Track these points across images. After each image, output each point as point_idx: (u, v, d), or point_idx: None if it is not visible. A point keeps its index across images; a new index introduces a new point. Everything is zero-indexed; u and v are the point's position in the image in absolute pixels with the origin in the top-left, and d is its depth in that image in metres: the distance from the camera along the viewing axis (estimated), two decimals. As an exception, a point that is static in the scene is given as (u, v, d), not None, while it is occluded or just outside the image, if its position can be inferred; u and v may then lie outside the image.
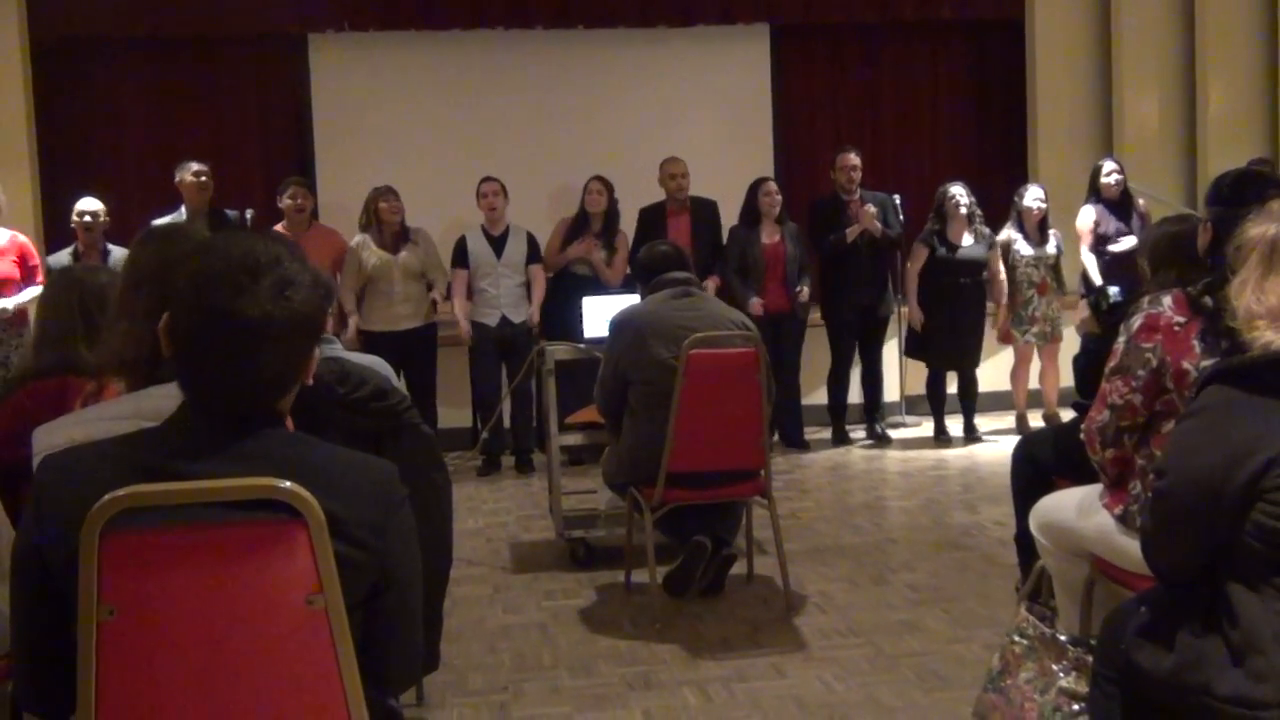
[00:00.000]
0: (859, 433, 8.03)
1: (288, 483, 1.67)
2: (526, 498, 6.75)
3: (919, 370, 8.02)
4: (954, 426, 7.87)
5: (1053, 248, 7.74)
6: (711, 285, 7.09)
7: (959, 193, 7.63)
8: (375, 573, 1.76)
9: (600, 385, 4.70)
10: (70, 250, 6.92)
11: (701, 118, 9.00)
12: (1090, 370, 3.62)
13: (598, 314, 5.71)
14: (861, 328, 7.87)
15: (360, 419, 2.69)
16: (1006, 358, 8.02)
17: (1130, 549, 2.89)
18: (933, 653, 4.10)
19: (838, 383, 7.96)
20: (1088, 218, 7.71)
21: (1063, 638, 2.82)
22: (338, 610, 1.70)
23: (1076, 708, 2.73)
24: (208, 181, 7.28)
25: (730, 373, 4.47)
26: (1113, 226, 7.63)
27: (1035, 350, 7.85)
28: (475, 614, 4.70)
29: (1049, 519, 3.41)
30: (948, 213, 7.63)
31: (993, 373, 8.02)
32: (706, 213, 7.72)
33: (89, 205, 6.95)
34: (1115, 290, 4.55)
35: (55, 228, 7.85)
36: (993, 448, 7.56)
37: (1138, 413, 3.04)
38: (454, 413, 7.65)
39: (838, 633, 4.34)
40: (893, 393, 8.41)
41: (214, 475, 1.69)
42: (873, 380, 7.99)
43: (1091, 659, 2.58)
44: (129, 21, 8.36)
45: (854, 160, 7.76)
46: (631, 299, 5.06)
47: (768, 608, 4.65)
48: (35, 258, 6.78)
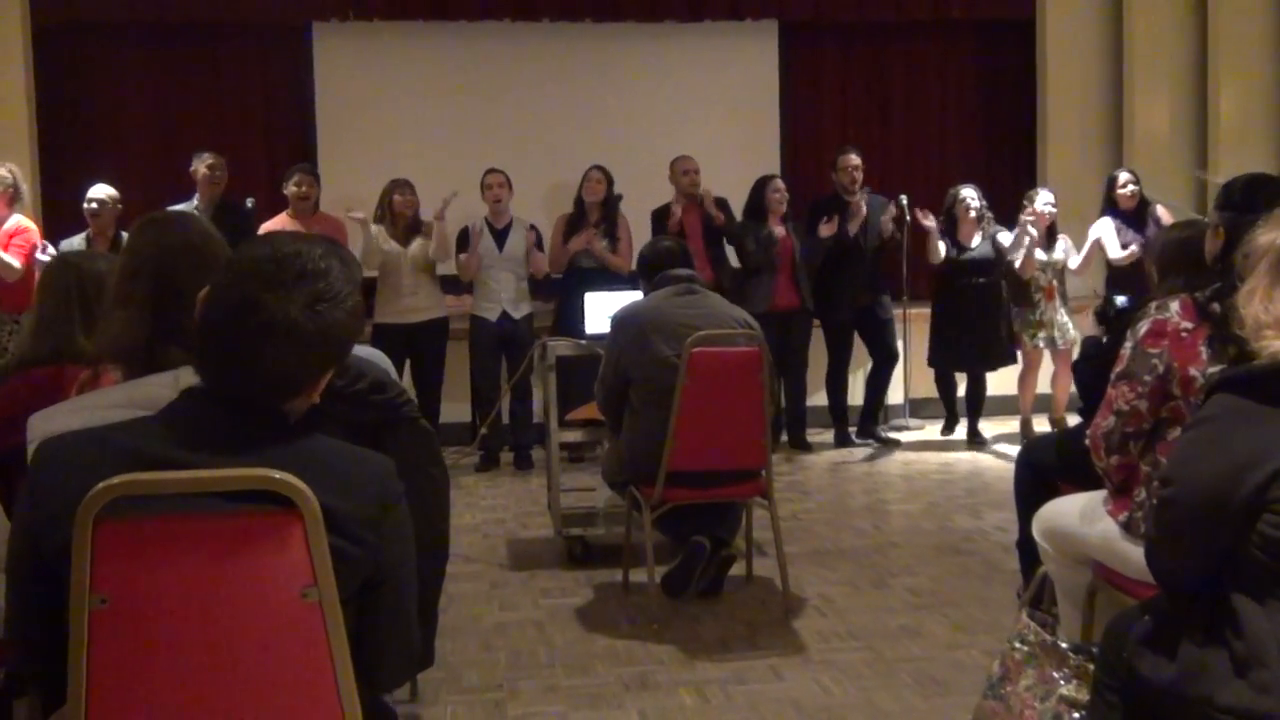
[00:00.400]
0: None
1: (283, 474, 1.66)
2: (525, 494, 6.75)
3: (923, 372, 8.01)
4: (960, 431, 7.87)
5: (1060, 253, 7.71)
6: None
7: (970, 195, 7.62)
8: (370, 568, 1.76)
9: (601, 382, 4.69)
10: (83, 236, 6.91)
11: (708, 114, 9.00)
12: (1092, 377, 3.62)
13: (599, 310, 5.71)
14: (861, 329, 7.86)
15: (358, 412, 2.68)
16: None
17: (1133, 556, 2.89)
18: (932, 658, 4.10)
19: (837, 384, 7.96)
20: (1108, 226, 7.64)
21: (1064, 645, 2.81)
22: (332, 604, 1.70)
23: (1077, 716, 2.72)
24: (220, 175, 7.31)
25: (733, 371, 4.46)
26: (1128, 237, 7.61)
27: (1044, 355, 7.83)
28: (471, 611, 4.70)
29: (1052, 525, 3.41)
30: (958, 215, 7.63)
31: (1000, 377, 8.01)
32: (717, 206, 7.68)
33: (97, 192, 6.94)
34: (1122, 300, 4.54)
35: (55, 214, 7.85)
36: (996, 453, 7.56)
37: (1143, 419, 3.04)
38: (453, 407, 7.65)
39: (837, 636, 4.34)
40: (897, 395, 8.41)
41: (211, 466, 1.69)
42: (879, 383, 7.98)
43: (1093, 667, 2.57)
44: (131, 7, 8.38)
45: (855, 160, 7.76)
46: (634, 295, 5.05)
47: (766, 610, 4.65)
48: (27, 240, 6.60)
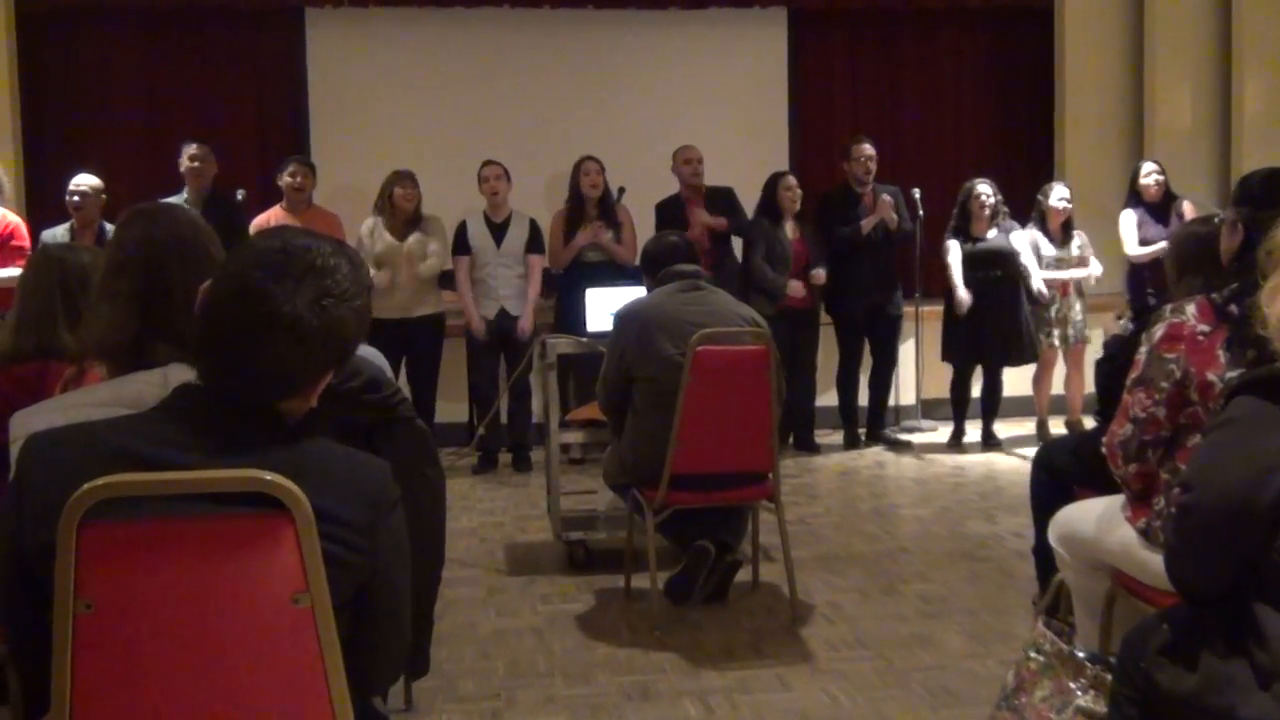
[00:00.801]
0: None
1: (274, 475, 1.67)
2: (523, 497, 6.75)
3: (936, 372, 8.01)
4: (973, 432, 7.86)
5: (1076, 249, 7.70)
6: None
7: (985, 191, 7.60)
8: (363, 574, 1.76)
9: (603, 381, 4.69)
10: (67, 226, 6.89)
11: (715, 104, 8.99)
12: (1111, 377, 3.60)
13: (602, 306, 5.71)
14: (871, 327, 7.87)
15: (352, 411, 2.69)
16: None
17: (1153, 563, 2.89)
18: (945, 668, 4.10)
19: (847, 384, 7.96)
20: (1130, 219, 7.65)
21: (1081, 655, 2.82)
22: (324, 610, 1.70)
23: (1093, 728, 2.72)
24: (201, 166, 7.24)
25: (739, 371, 4.47)
26: (1151, 232, 7.60)
27: (1059, 355, 7.82)
28: (467, 617, 4.70)
29: (1069, 530, 3.41)
30: (972, 211, 7.62)
31: (1015, 378, 8.01)
32: (723, 201, 7.69)
33: (81, 182, 6.89)
34: (1130, 325, 4.48)
35: (39, 205, 7.86)
36: (1013, 455, 7.56)
37: (1161, 426, 3.03)
38: (450, 407, 7.65)
39: (846, 645, 4.34)
40: (909, 395, 8.40)
41: (203, 467, 1.69)
42: (881, 384, 7.98)
43: (1110, 678, 2.57)
44: (118, -10, 8.38)
45: (869, 150, 7.75)
46: (637, 291, 5.05)
47: (773, 617, 4.65)
48: (24, 240, 6.67)
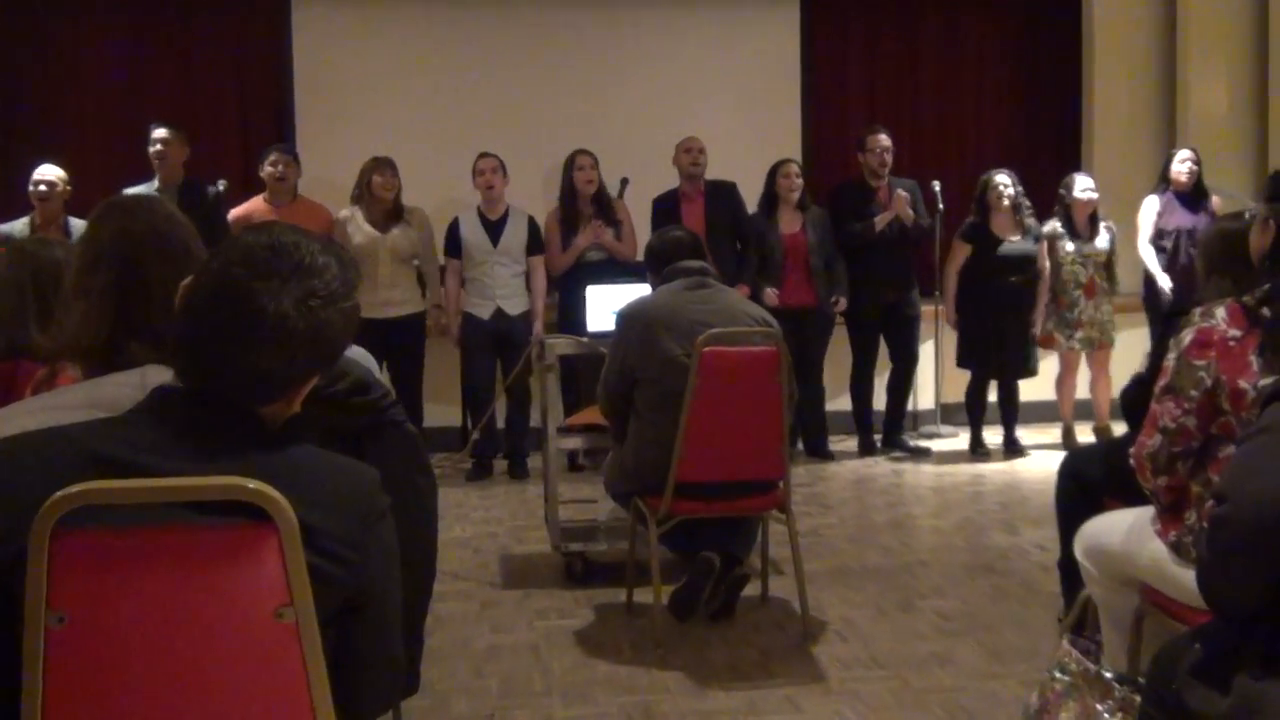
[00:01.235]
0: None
1: (257, 483, 1.67)
2: (520, 506, 6.76)
3: (956, 375, 8.01)
4: (994, 439, 7.86)
5: (1104, 243, 7.69)
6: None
7: (1003, 182, 7.60)
8: (351, 588, 1.77)
9: (604, 383, 4.70)
10: (26, 220, 6.87)
11: (723, 94, 8.99)
12: (1137, 399, 3.56)
13: (603, 305, 5.71)
14: (887, 327, 7.87)
15: (338, 415, 2.69)
16: (1051, 365, 8.00)
17: (1184, 579, 2.88)
18: (964, 688, 4.10)
19: (861, 387, 7.96)
20: (1150, 207, 7.68)
21: (1108, 675, 2.82)
22: (309, 625, 1.70)
23: (1121, 752, 2.73)
24: (170, 151, 7.16)
25: (748, 373, 4.47)
26: (1175, 220, 7.60)
27: (1082, 357, 7.82)
28: (460, 633, 4.71)
29: (1096, 543, 3.41)
30: (990, 204, 7.61)
31: (1037, 381, 8.01)
32: (724, 197, 7.70)
33: (45, 173, 6.89)
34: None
35: (9, 196, 7.86)
36: (1036, 463, 7.56)
37: (1192, 437, 3.02)
38: (442, 410, 7.67)
39: (860, 664, 4.34)
40: (928, 400, 8.41)
41: (182, 474, 1.69)
42: (898, 387, 7.99)
43: (1139, 699, 2.58)
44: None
45: (885, 141, 7.75)
46: (641, 289, 5.06)
47: (783, 634, 4.66)
48: None
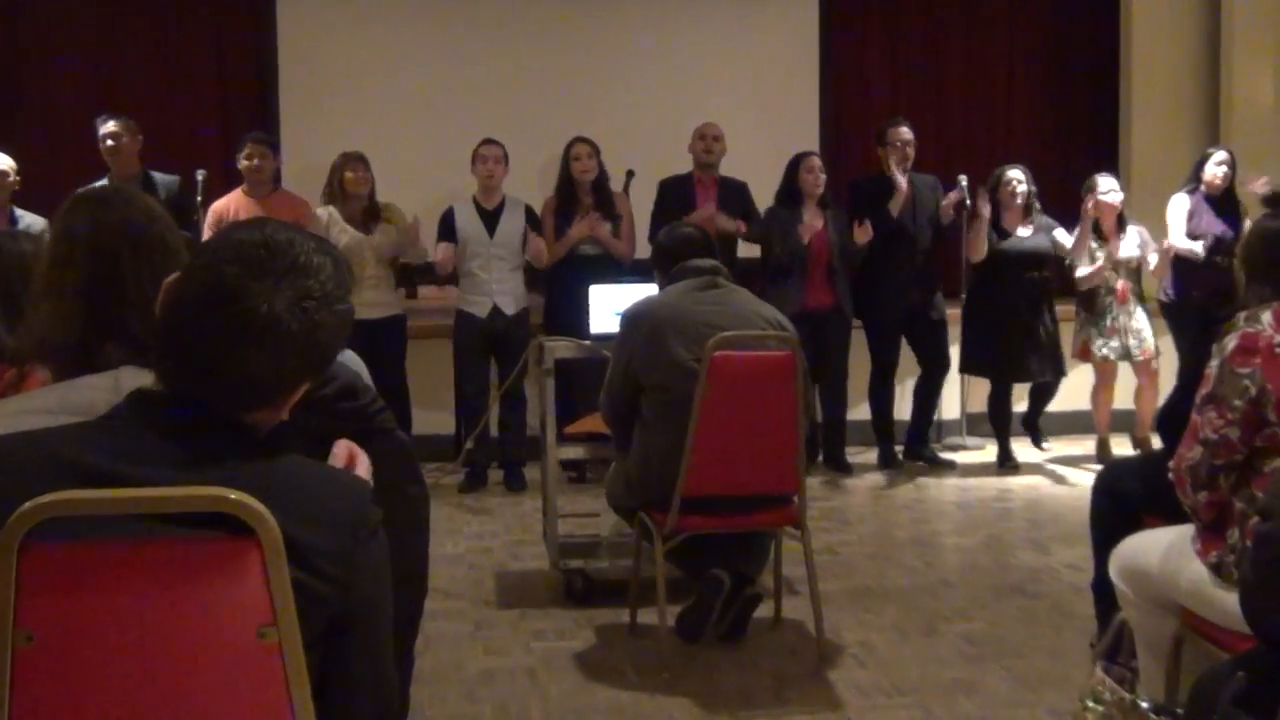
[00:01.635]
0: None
1: (239, 494, 1.67)
2: (516, 520, 6.76)
3: (982, 384, 8.00)
4: (1025, 454, 7.86)
5: (1135, 247, 7.69)
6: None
7: (1016, 177, 7.64)
8: (338, 607, 1.77)
9: (607, 389, 4.70)
10: None
11: (736, 81, 9.01)
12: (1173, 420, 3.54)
13: (607, 305, 5.71)
14: (911, 331, 7.87)
15: (324, 422, 2.69)
16: (1084, 371, 7.99)
17: (1226, 602, 2.88)
18: (991, 717, 4.09)
19: (882, 395, 7.97)
20: (1180, 205, 7.66)
21: (1145, 704, 2.82)
22: (293, 645, 1.70)
23: (1159, 787, 2.73)
24: (122, 145, 7.16)
25: (762, 379, 4.47)
26: (1204, 224, 7.60)
27: (1118, 367, 7.81)
28: (452, 655, 4.71)
29: (1132, 564, 3.40)
30: (1002, 200, 7.65)
31: (1070, 390, 8.00)
32: (735, 194, 7.72)
33: None
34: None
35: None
36: (1068, 478, 7.56)
37: (1235, 449, 3.02)
38: (433, 417, 7.67)
39: (880, 691, 4.33)
40: (952, 409, 8.40)
41: (159, 483, 1.69)
42: (924, 396, 7.99)
43: (1178, 731, 2.57)
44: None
45: (907, 134, 7.77)
46: (647, 289, 5.06)
47: (797, 659, 4.65)
48: None
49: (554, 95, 8.80)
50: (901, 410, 8.03)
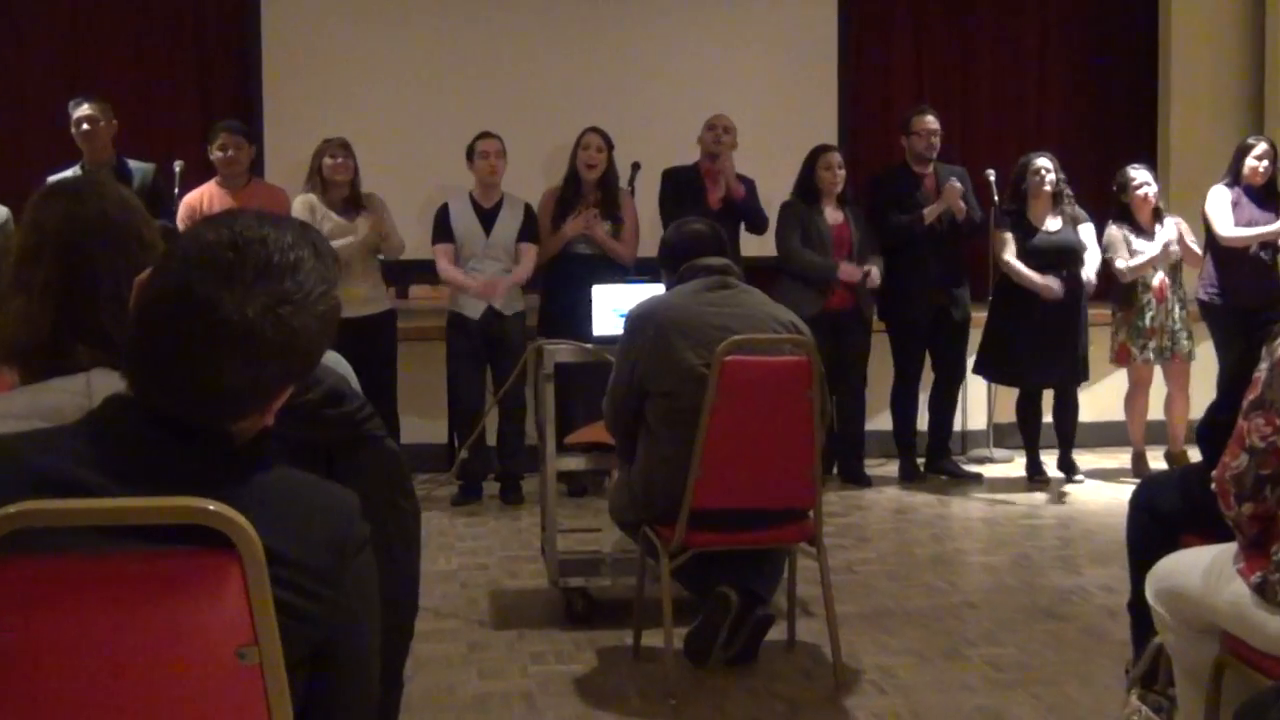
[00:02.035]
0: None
1: (219, 505, 1.66)
2: (513, 535, 6.77)
3: (1011, 391, 8.00)
4: (1051, 464, 7.86)
5: (1173, 240, 7.67)
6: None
7: (1044, 166, 7.62)
8: (323, 627, 1.76)
9: (610, 396, 4.70)
10: None
11: (751, 73, 9.01)
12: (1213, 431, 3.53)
13: (610, 306, 5.72)
14: (934, 334, 7.88)
15: (310, 429, 2.69)
16: (1118, 379, 7.98)
17: (1271, 625, 2.88)
18: (1018, 748, 4.10)
19: (904, 403, 7.97)
20: (1222, 196, 7.65)
21: (1183, 735, 2.82)
22: (274, 667, 1.70)
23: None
24: (96, 130, 7.19)
25: (775, 386, 4.47)
26: (1246, 217, 7.60)
27: (1155, 371, 7.80)
28: (444, 678, 4.71)
29: (1170, 584, 3.40)
30: (1029, 190, 7.63)
31: (1102, 398, 8.00)
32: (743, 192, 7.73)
33: None
34: None
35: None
36: (1101, 493, 7.55)
37: (1283, 459, 3.02)
38: (425, 425, 7.67)
39: (899, 718, 4.33)
40: (979, 419, 8.39)
41: (134, 494, 1.69)
42: (945, 403, 7.99)
43: (1219, 763, 2.57)
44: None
45: (933, 124, 7.80)
46: (654, 289, 5.06)
47: (812, 684, 4.65)
48: None
49: (558, 85, 8.78)
50: (925, 419, 8.02)
